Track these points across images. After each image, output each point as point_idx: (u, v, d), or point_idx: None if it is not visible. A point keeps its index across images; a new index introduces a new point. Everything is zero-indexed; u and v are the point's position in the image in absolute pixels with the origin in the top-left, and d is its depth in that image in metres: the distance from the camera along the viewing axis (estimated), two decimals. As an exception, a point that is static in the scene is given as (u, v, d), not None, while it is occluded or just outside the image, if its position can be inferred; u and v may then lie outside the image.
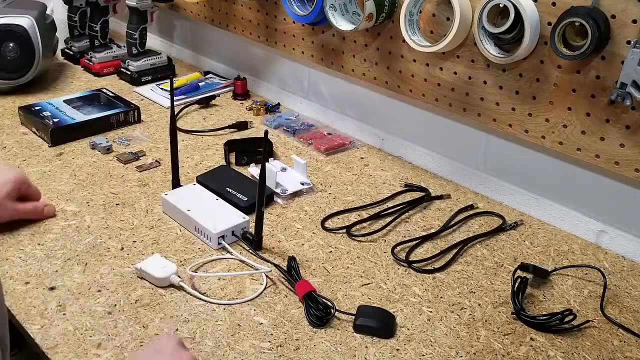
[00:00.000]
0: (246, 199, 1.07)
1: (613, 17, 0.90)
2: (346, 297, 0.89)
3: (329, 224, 1.07)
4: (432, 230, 1.06)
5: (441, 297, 0.91)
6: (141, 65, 1.60)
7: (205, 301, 0.87)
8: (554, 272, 0.97)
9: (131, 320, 0.83)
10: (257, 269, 0.94)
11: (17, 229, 1.00)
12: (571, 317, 0.85)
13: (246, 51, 1.60)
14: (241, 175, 1.17)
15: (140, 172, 1.20)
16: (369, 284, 0.93)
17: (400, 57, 1.21)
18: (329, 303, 0.86)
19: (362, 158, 1.30)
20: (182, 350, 0.72)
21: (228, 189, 1.10)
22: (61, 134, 1.28)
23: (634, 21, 0.88)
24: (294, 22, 1.39)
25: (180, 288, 0.89)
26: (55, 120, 1.30)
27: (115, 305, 0.86)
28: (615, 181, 1.01)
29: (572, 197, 1.07)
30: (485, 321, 0.86)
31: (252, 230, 0.99)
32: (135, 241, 0.99)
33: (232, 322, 0.84)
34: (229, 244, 0.98)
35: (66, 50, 1.74)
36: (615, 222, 1.03)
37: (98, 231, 1.01)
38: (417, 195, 1.16)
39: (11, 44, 1.44)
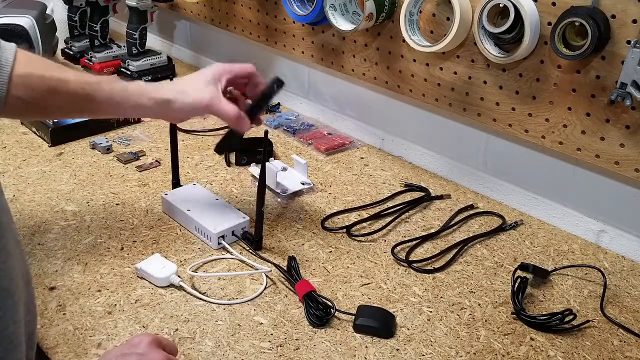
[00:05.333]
0: None
1: (613, 17, 0.90)
2: (346, 297, 0.89)
3: (329, 223, 1.07)
4: (432, 230, 1.06)
5: (441, 297, 0.91)
6: (141, 65, 1.60)
7: (205, 301, 0.87)
8: (554, 272, 0.97)
9: (131, 320, 0.83)
10: (257, 269, 0.94)
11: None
12: (571, 317, 0.85)
13: (246, 51, 1.60)
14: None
15: (140, 172, 1.20)
16: (369, 284, 0.93)
17: (400, 57, 1.21)
18: (329, 303, 0.86)
19: (362, 158, 1.30)
20: (155, 350, 0.70)
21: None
22: (61, 134, 1.28)
23: (634, 21, 0.88)
24: (294, 22, 1.38)
25: (180, 288, 0.89)
26: (55, 120, 1.30)
27: (115, 305, 0.86)
28: (615, 181, 1.01)
29: (572, 197, 1.07)
30: (485, 321, 0.86)
31: (252, 230, 0.99)
32: (135, 241, 0.99)
33: (232, 322, 0.84)
34: (229, 244, 0.98)
35: (66, 50, 1.73)
36: (615, 222, 1.03)
37: (98, 231, 1.01)
38: (417, 195, 1.16)
39: (11, 44, 1.44)
